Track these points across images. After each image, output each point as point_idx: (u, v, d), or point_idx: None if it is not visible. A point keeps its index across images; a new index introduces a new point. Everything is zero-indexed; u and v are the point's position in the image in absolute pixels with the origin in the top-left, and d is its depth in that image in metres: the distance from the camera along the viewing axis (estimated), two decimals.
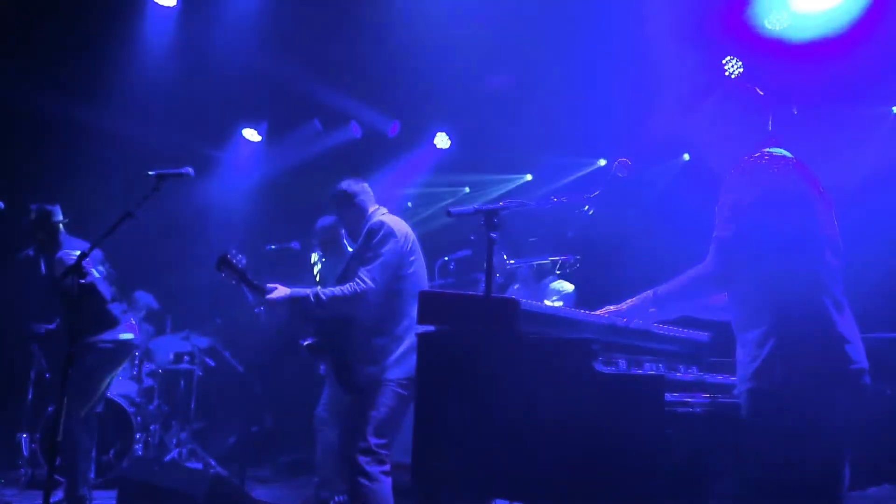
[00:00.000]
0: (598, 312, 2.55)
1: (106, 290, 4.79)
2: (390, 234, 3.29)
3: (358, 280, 3.21)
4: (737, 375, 2.25)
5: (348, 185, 3.69)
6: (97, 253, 4.73)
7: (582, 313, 2.50)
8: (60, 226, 4.83)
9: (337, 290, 3.23)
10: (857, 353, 2.20)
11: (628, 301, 2.49)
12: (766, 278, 2.21)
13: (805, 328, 2.15)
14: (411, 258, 3.38)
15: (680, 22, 5.32)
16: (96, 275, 4.70)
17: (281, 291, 3.31)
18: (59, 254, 4.66)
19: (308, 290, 3.29)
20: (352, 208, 3.63)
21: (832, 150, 5.70)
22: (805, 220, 2.25)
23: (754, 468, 2.11)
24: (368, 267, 3.22)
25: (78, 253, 4.63)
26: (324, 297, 3.21)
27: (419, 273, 3.43)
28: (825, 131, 5.71)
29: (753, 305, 2.24)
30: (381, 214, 3.56)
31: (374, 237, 3.28)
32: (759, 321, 2.21)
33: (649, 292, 2.44)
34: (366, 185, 3.75)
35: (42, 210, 4.81)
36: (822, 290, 2.20)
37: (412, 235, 3.47)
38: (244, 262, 3.51)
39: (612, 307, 2.56)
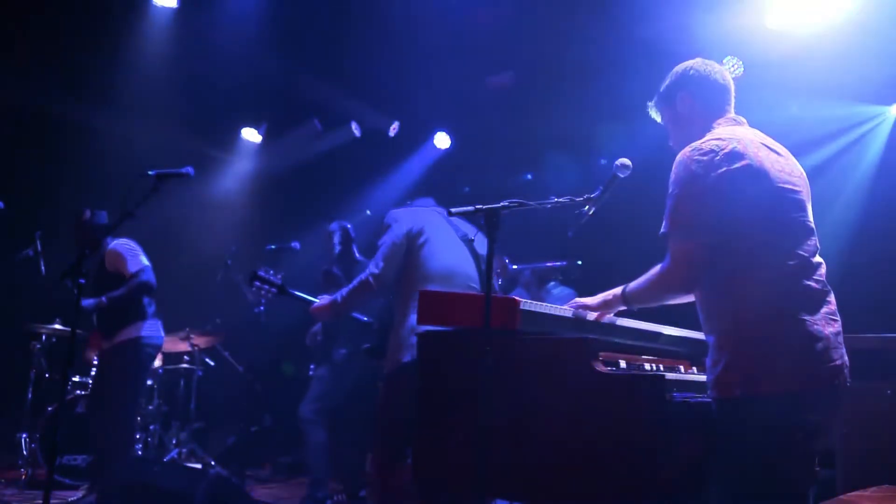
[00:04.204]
0: (565, 306, 2.51)
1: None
2: (391, 222, 3.36)
3: (365, 271, 3.34)
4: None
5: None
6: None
7: (582, 313, 2.49)
8: (99, 228, 4.84)
9: (350, 285, 3.41)
10: (834, 351, 2.03)
11: (599, 295, 2.44)
12: (720, 278, 2.08)
13: (765, 331, 2.00)
14: (420, 241, 3.32)
15: (680, 21, 5.32)
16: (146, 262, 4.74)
17: (324, 301, 3.52)
18: (112, 245, 4.67)
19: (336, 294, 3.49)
20: None
21: (832, 150, 5.72)
22: (765, 209, 2.06)
23: (724, 476, 2.05)
24: (374, 258, 3.34)
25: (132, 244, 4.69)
26: (344, 293, 3.41)
27: (436, 257, 3.31)
28: (825, 131, 5.72)
29: (708, 308, 2.14)
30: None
31: (383, 229, 3.38)
32: (714, 326, 2.10)
33: (619, 290, 2.36)
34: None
35: (84, 214, 4.82)
36: (786, 287, 2.03)
37: (425, 219, 3.40)
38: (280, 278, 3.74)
39: (579, 299, 2.52)
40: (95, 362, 5.42)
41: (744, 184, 2.06)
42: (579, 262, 4.59)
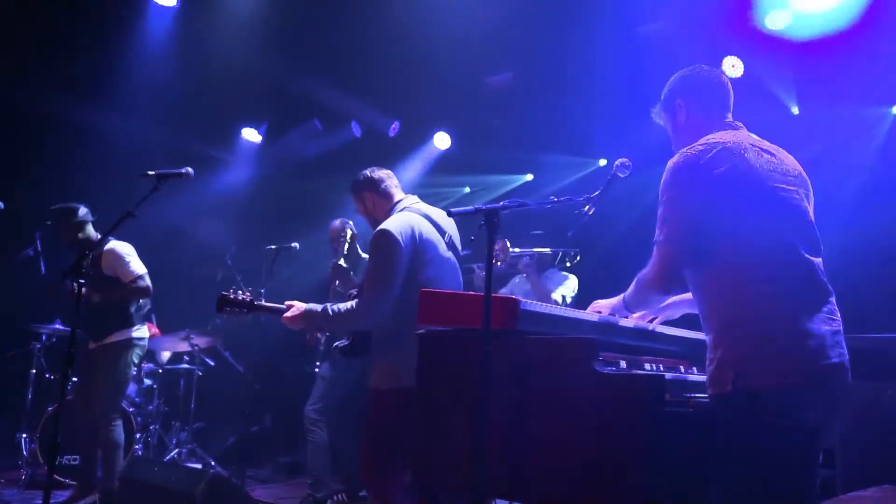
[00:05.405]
0: (590, 310, 2.55)
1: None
2: (392, 243, 3.05)
3: (362, 297, 3.10)
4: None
5: (371, 170, 3.47)
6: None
7: (581, 312, 2.50)
8: (87, 225, 4.81)
9: (343, 306, 3.13)
10: (831, 349, 2.03)
11: (615, 298, 2.48)
12: (713, 277, 2.12)
13: (758, 328, 2.02)
14: (426, 257, 3.12)
15: (681, 20, 5.32)
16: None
17: (296, 309, 3.20)
18: (109, 246, 4.66)
19: (320, 305, 3.19)
20: (375, 197, 3.41)
21: (832, 150, 5.72)
22: (756, 209, 2.09)
23: (723, 474, 2.06)
24: (371, 283, 3.08)
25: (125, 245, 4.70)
26: (331, 312, 3.13)
27: (438, 269, 3.16)
28: (825, 131, 5.72)
29: (704, 309, 2.17)
30: (399, 210, 3.31)
31: (377, 248, 3.09)
32: (710, 324, 2.14)
33: (621, 298, 2.42)
34: (390, 172, 3.53)
35: (63, 209, 4.77)
36: (780, 285, 2.05)
37: (425, 230, 3.18)
38: (248, 294, 3.46)
39: (598, 302, 2.57)
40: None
41: (731, 185, 2.09)
42: (577, 249, 4.64)
